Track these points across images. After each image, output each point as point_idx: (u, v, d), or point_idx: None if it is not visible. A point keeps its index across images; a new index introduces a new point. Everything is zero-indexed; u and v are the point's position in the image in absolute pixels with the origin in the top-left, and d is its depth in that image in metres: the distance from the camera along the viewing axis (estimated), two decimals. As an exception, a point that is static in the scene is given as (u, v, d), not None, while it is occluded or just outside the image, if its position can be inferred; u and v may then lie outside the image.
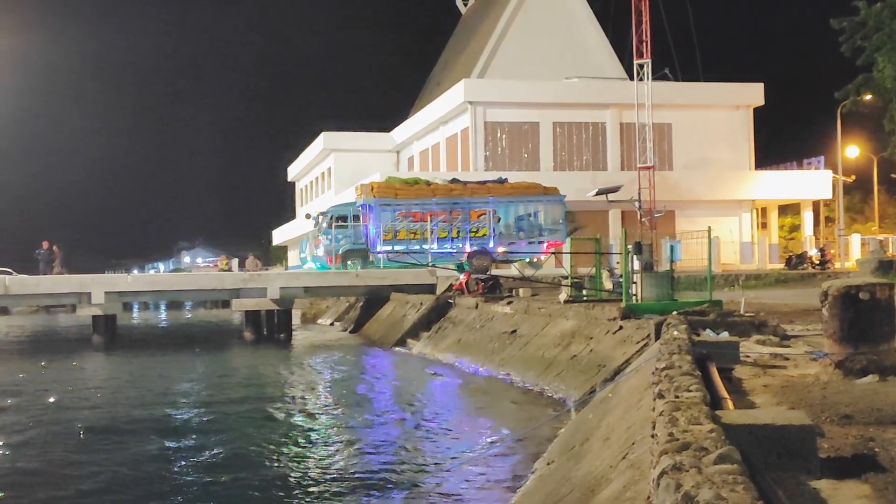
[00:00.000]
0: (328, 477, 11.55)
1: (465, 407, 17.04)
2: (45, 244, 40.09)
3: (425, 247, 34.16)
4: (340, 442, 13.88)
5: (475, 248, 34.43)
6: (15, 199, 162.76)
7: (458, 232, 34.54)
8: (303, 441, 13.98)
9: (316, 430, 14.94)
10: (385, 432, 14.56)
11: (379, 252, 34.44)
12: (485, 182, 36.81)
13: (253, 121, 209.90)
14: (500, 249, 34.51)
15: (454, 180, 37.18)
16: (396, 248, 34.28)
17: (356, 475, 11.60)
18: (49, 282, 32.16)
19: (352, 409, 17.11)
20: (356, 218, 35.17)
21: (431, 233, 34.29)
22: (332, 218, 35.51)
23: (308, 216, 36.16)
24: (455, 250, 34.48)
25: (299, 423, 15.72)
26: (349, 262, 34.70)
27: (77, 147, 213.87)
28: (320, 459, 12.58)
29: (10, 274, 42.83)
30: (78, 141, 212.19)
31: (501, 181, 36.87)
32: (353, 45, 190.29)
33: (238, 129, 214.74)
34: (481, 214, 34.96)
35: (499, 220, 34.98)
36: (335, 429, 15.03)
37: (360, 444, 13.63)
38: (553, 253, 34.36)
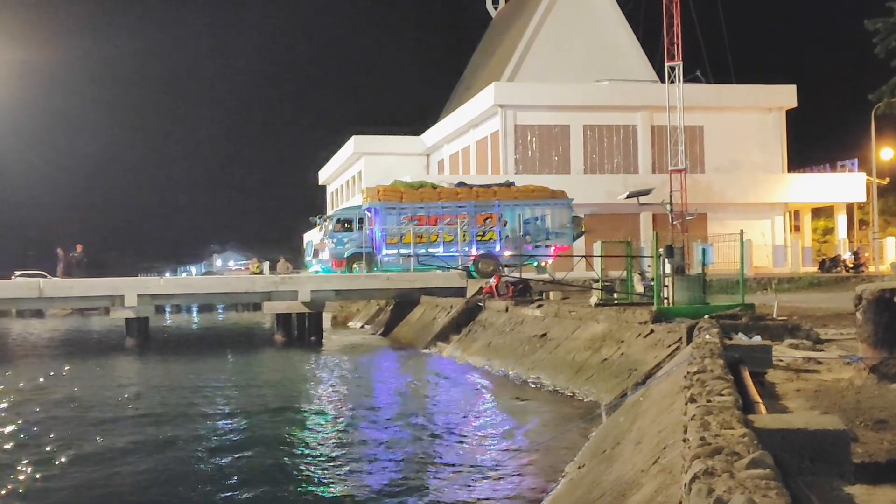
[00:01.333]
0: (357, 478, 11.58)
1: (494, 410, 17.02)
2: (79, 248, 40.53)
3: (432, 249, 34.21)
4: (369, 444, 13.90)
5: (481, 251, 34.40)
6: (50, 203, 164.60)
7: (465, 235, 34.52)
8: (333, 444, 14.03)
9: (345, 433, 14.97)
10: (413, 434, 14.57)
11: (384, 256, 34.45)
12: (490, 185, 36.79)
13: (284, 124, 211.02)
14: (507, 253, 34.45)
15: (461, 183, 37.20)
16: (402, 251, 34.30)
17: (384, 477, 11.62)
18: (82, 285, 32.47)
19: (381, 412, 17.14)
20: (361, 221, 35.17)
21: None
22: (337, 221, 35.51)
23: (312, 220, 36.15)
24: (461, 254, 34.49)
25: (330, 426, 15.77)
26: (354, 266, 34.70)
27: (109, 153, 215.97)
28: (349, 462, 12.61)
29: (44, 277, 43.30)
30: (110, 146, 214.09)
31: (509, 184, 36.81)
32: (383, 48, 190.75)
33: (269, 132, 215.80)
34: (487, 218, 34.91)
35: (505, 223, 34.92)
36: (364, 431, 15.05)
37: (388, 446, 13.65)
38: (585, 257, 34.21)
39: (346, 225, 35.36)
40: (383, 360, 26.76)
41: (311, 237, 73.02)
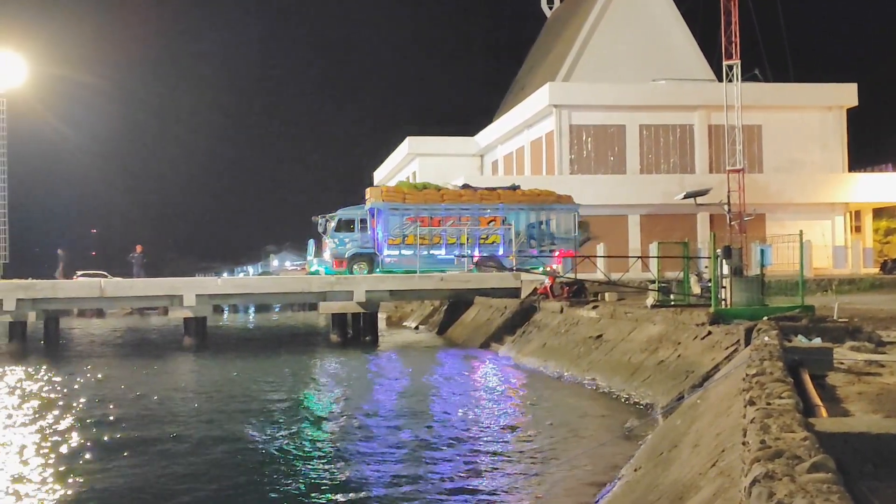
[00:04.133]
0: (409, 478, 11.61)
1: (549, 411, 16.97)
2: (139, 248, 41.17)
3: (434, 252, 34.18)
4: (423, 444, 13.92)
5: (484, 254, 34.27)
6: (109, 204, 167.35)
7: (468, 238, 34.43)
8: (383, 442, 14.07)
9: (397, 432, 15.00)
10: (469, 435, 14.59)
11: (386, 257, 34.43)
12: (495, 188, 36.67)
13: (339, 125, 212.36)
14: (510, 256, 34.31)
15: (465, 186, 37.12)
16: (404, 252, 34.29)
17: (437, 477, 11.64)
18: (142, 285, 32.98)
19: (435, 412, 17.17)
20: (363, 222, 35.12)
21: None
22: (339, 221, 35.53)
23: (314, 219, 36.17)
24: (464, 256, 34.42)
25: (383, 425, 15.81)
26: (355, 267, 34.65)
27: (167, 155, 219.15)
28: (402, 460, 12.65)
29: (104, 277, 44.05)
30: (168, 148, 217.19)
31: (514, 188, 36.67)
32: (438, 48, 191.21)
33: (324, 134, 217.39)
34: (491, 221, 34.79)
35: (509, 226, 34.74)
36: (417, 430, 15.08)
37: (443, 446, 13.67)
38: (641, 258, 33.90)
39: (348, 225, 35.39)
40: (437, 361, 26.80)
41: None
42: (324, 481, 11.63)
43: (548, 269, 34.09)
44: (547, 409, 17.21)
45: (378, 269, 34.44)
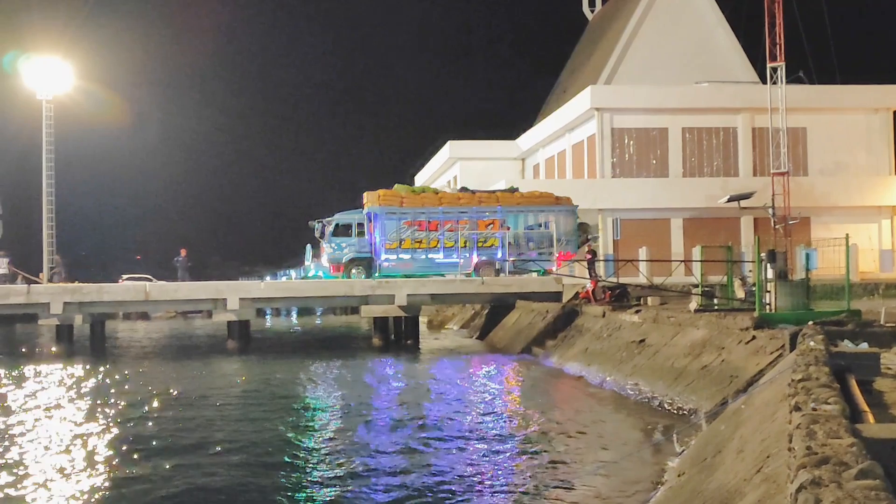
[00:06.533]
0: (446, 481, 11.63)
1: (593, 416, 16.91)
2: (183, 252, 41.55)
3: (431, 255, 34.12)
4: (462, 448, 13.94)
5: (483, 257, 34.15)
6: (154, 208, 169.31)
7: (466, 241, 34.30)
8: (420, 445, 14.10)
9: (436, 435, 15.03)
10: (514, 440, 14.59)
11: (384, 261, 34.36)
12: (494, 191, 36.54)
13: (380, 129, 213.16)
14: (510, 259, 34.16)
15: (463, 189, 37.00)
16: (402, 256, 34.24)
17: (478, 481, 11.64)
18: (186, 288, 33.30)
19: (476, 417, 17.18)
20: (360, 226, 35.02)
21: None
22: (336, 226, 35.39)
23: (311, 224, 36.10)
24: (461, 260, 34.30)
25: (426, 432, 15.85)
26: (353, 271, 34.63)
27: (213, 160, 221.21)
28: (439, 463, 12.66)
29: (150, 280, 44.54)
30: (214, 153, 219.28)
31: (513, 190, 36.50)
32: (479, 52, 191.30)
33: (366, 138, 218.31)
34: (490, 224, 34.66)
35: (508, 229, 34.58)
36: (457, 434, 15.10)
37: (484, 450, 13.68)
38: (685, 261, 33.64)
39: (345, 229, 35.25)
40: (478, 366, 26.81)
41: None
42: (355, 483, 11.68)
43: (548, 271, 34.03)
44: (590, 414, 17.16)
45: (376, 274, 34.42)
